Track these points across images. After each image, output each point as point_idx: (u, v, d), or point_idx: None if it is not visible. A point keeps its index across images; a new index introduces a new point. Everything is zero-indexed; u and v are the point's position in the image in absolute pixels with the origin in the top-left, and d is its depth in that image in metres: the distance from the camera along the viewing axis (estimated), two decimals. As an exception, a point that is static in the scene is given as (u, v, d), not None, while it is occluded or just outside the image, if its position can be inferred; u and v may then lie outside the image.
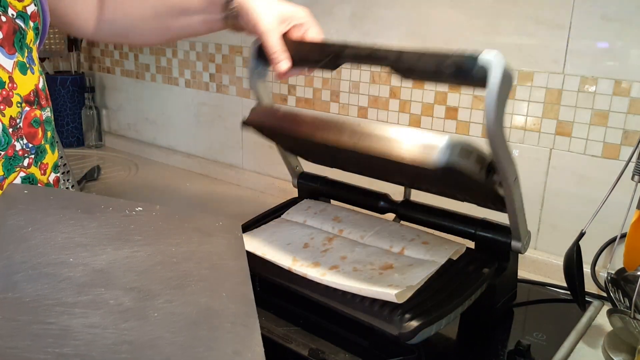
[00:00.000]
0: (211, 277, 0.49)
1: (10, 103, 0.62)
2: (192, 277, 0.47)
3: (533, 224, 1.02)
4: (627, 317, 0.72)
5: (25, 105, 0.64)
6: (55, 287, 0.42)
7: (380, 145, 0.66)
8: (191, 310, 0.43)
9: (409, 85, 1.12)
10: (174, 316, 0.41)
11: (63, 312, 0.39)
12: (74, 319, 0.39)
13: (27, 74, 0.64)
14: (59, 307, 0.40)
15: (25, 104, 0.64)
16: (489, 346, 0.79)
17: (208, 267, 0.50)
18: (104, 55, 1.77)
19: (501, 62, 0.60)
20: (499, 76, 0.59)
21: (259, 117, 0.84)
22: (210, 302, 0.44)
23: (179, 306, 0.43)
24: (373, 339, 0.77)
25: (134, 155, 1.70)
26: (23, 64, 0.64)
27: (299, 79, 1.29)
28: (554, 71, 0.95)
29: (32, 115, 0.65)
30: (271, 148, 1.39)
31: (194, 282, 0.47)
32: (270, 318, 0.82)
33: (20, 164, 0.64)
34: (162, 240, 0.53)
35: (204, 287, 0.46)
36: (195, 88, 1.53)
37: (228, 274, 0.50)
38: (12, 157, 0.62)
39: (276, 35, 0.76)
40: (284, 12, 0.78)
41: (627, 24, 0.87)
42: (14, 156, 0.63)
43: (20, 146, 0.64)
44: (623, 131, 0.91)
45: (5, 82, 0.61)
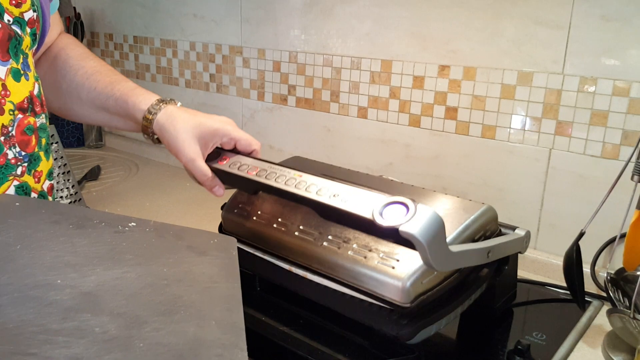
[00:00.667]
0: (201, 302, 0.47)
1: (2, 111, 0.61)
2: (181, 302, 0.46)
3: (533, 223, 1.02)
4: (627, 316, 0.72)
5: (18, 113, 0.63)
6: (41, 312, 0.41)
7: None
8: (178, 340, 0.41)
9: (409, 85, 1.12)
10: (160, 347, 0.40)
11: (46, 340, 0.38)
12: (56, 349, 0.38)
13: (21, 80, 0.64)
14: (42, 335, 0.38)
15: (19, 111, 0.63)
16: (488, 346, 0.79)
17: (199, 290, 0.49)
18: (104, 55, 1.77)
19: (423, 232, 0.58)
20: (424, 245, 0.59)
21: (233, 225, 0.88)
22: (199, 332, 0.43)
23: (165, 335, 0.41)
24: (373, 339, 0.77)
25: (134, 155, 1.70)
26: (17, 71, 0.63)
27: (298, 79, 1.29)
28: (553, 71, 0.96)
29: (26, 122, 0.64)
30: (271, 148, 1.39)
31: (184, 307, 0.45)
32: (270, 318, 0.82)
33: (14, 173, 0.63)
34: (153, 260, 0.51)
35: (193, 313, 0.45)
36: (195, 88, 1.53)
37: (219, 299, 0.49)
38: (4, 165, 0.61)
39: (201, 163, 0.76)
40: (207, 133, 0.77)
41: (627, 24, 0.87)
42: (5, 165, 0.62)
43: (12, 154, 0.63)
44: (622, 131, 0.91)
45: None
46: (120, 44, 1.71)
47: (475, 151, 1.06)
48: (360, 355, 0.75)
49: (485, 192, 1.06)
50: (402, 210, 0.60)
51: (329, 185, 0.68)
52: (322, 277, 0.76)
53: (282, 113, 1.35)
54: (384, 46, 1.14)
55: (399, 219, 0.59)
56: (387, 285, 0.69)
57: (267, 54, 1.34)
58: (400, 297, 0.68)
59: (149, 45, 1.62)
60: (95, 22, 1.76)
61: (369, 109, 1.19)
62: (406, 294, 0.67)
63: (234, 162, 0.79)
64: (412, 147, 1.14)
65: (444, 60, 1.07)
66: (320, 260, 0.75)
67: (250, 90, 1.40)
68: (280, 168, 0.75)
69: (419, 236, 0.58)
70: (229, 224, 0.88)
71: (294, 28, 1.27)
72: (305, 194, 0.69)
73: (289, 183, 0.71)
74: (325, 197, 0.67)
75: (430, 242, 0.59)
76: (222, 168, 0.79)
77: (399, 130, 1.15)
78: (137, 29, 1.64)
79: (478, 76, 1.03)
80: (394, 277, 0.68)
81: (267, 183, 0.73)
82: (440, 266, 0.63)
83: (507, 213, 1.04)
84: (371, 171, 1.21)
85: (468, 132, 1.07)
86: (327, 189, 0.68)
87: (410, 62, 1.11)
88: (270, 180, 0.73)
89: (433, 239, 0.59)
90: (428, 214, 0.59)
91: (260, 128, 1.40)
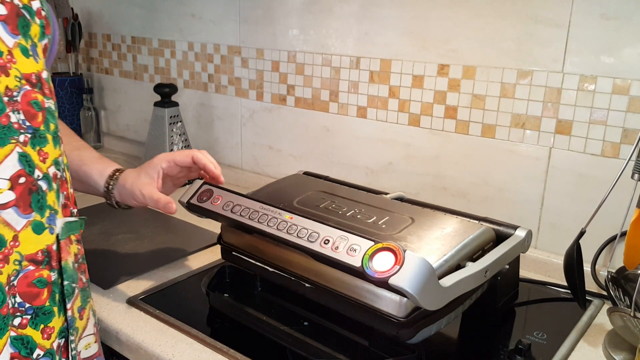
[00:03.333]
0: None
1: (7, 73, 0.60)
2: None
3: (533, 223, 1.02)
4: (628, 315, 0.72)
5: (25, 83, 0.62)
6: None
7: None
8: None
9: (408, 84, 1.12)
10: None
11: None
12: None
13: (29, 58, 0.63)
14: None
15: (26, 82, 0.62)
16: (489, 345, 0.79)
17: None
18: (102, 56, 1.77)
19: (412, 284, 0.60)
20: (415, 296, 0.61)
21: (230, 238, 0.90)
22: None
23: None
24: (373, 339, 0.77)
25: (132, 156, 1.70)
26: (25, 48, 0.63)
27: (297, 79, 1.29)
28: (553, 70, 0.96)
29: (33, 96, 0.63)
30: (270, 149, 1.39)
31: None
32: (271, 318, 0.82)
33: (16, 138, 0.60)
34: None
35: None
36: (193, 89, 1.53)
37: None
38: (6, 126, 0.59)
39: (149, 190, 0.87)
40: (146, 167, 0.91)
41: (627, 22, 0.87)
42: (8, 126, 0.60)
43: (16, 119, 0.61)
44: (622, 129, 0.91)
45: (3, 52, 0.59)
46: (118, 44, 1.70)
47: (475, 150, 1.06)
48: (361, 354, 0.75)
49: (485, 192, 1.06)
50: (390, 258, 0.62)
51: (320, 229, 0.70)
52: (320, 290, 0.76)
53: (281, 113, 1.35)
54: (383, 45, 1.14)
55: (388, 269, 0.61)
56: (384, 299, 0.69)
57: (265, 53, 1.34)
58: (397, 312, 0.68)
59: (147, 45, 1.61)
60: (93, 22, 1.75)
61: (369, 109, 1.19)
62: (403, 308, 0.68)
63: (227, 203, 0.82)
64: (412, 147, 1.14)
65: (444, 59, 1.07)
66: (318, 273, 0.75)
67: (249, 91, 1.40)
68: (271, 209, 0.77)
69: (409, 288, 0.60)
70: (227, 235, 0.88)
71: (293, 28, 1.27)
72: (297, 240, 0.71)
73: (280, 227, 0.74)
74: (316, 244, 0.69)
75: (420, 291, 0.61)
76: (215, 210, 0.82)
77: (399, 129, 1.15)
78: (135, 30, 1.63)
79: (478, 75, 1.03)
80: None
81: (259, 228, 0.76)
82: (435, 306, 0.65)
83: (507, 212, 1.04)
84: (371, 171, 1.21)
85: (468, 132, 1.06)
86: (317, 235, 0.70)
87: (410, 61, 1.11)
88: (262, 224, 0.76)
89: (423, 287, 0.61)
90: (416, 262, 0.61)
91: (259, 128, 1.40)
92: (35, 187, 0.63)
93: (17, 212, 0.61)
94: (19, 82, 0.61)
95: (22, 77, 0.62)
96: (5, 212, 0.60)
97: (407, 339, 0.70)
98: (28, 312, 0.64)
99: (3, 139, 0.59)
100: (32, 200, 0.62)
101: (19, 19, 0.62)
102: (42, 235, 0.64)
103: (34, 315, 0.64)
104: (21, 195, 0.61)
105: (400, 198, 0.93)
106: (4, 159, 0.59)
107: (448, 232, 0.76)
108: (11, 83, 0.60)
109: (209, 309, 0.87)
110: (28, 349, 0.64)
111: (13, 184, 0.60)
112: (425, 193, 1.14)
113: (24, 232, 0.62)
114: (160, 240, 1.09)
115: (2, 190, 0.59)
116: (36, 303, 0.64)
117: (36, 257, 0.64)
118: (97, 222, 1.15)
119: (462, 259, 0.72)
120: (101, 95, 1.82)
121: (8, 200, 0.60)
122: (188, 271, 0.97)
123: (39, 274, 0.64)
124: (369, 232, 0.74)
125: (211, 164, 0.88)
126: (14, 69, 0.61)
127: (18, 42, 0.62)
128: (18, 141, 0.61)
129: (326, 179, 0.99)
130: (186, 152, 0.89)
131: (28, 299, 0.63)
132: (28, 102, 0.62)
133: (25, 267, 0.63)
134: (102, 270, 0.94)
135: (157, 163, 0.89)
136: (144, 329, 0.80)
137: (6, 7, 0.60)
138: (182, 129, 1.45)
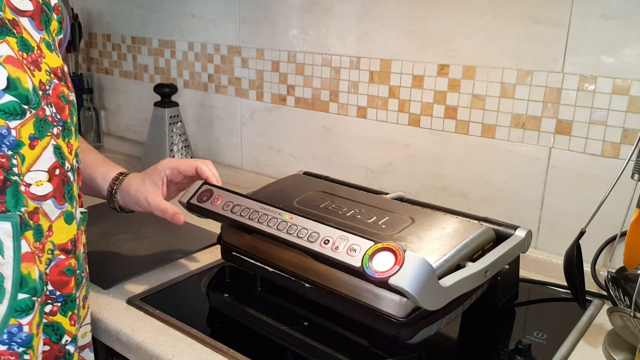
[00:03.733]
0: None
1: (40, 68, 0.61)
2: None
3: (533, 223, 1.02)
4: (628, 315, 0.72)
5: (54, 78, 0.64)
6: None
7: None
8: None
9: (408, 84, 1.12)
10: None
11: None
12: None
13: (53, 53, 0.65)
14: None
15: (54, 76, 0.64)
16: (489, 345, 0.79)
17: None
18: (102, 56, 1.77)
19: (412, 284, 0.60)
20: (415, 296, 0.61)
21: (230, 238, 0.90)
22: None
23: None
24: (373, 339, 0.77)
25: (132, 156, 1.70)
26: (49, 43, 0.64)
27: (297, 79, 1.29)
28: (553, 70, 0.95)
29: (60, 89, 0.65)
30: (270, 149, 1.39)
31: None
32: (271, 318, 0.82)
33: (51, 131, 0.62)
34: None
35: None
36: (194, 89, 1.53)
37: None
38: (43, 120, 0.61)
39: (154, 198, 0.87)
40: (150, 174, 0.90)
41: (627, 22, 0.87)
42: (44, 120, 0.61)
43: (49, 112, 0.62)
44: (622, 130, 0.91)
45: (34, 47, 0.61)
46: (118, 44, 1.70)
47: (475, 150, 1.06)
48: (361, 354, 0.75)
49: (485, 192, 1.06)
50: (390, 258, 0.62)
51: (320, 229, 0.70)
52: (320, 290, 0.76)
53: (281, 113, 1.35)
54: (383, 45, 1.14)
55: (387, 269, 0.61)
56: (384, 299, 0.69)
57: (265, 54, 1.34)
58: (397, 312, 0.68)
59: (147, 45, 1.61)
60: (93, 22, 1.75)
61: (369, 109, 1.19)
62: (403, 308, 0.68)
63: (227, 203, 0.81)
64: (412, 147, 1.14)
65: (444, 59, 1.07)
66: (318, 274, 0.75)
67: (249, 91, 1.40)
68: (271, 209, 0.77)
69: (409, 288, 0.60)
70: (227, 235, 0.88)
71: (293, 28, 1.27)
72: (297, 240, 0.71)
73: (280, 227, 0.74)
74: (316, 244, 0.69)
75: (421, 291, 0.60)
76: (215, 210, 0.82)
77: (399, 129, 1.15)
78: (135, 30, 1.63)
79: (477, 75, 1.03)
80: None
81: (260, 228, 0.75)
82: (435, 306, 0.65)
83: (507, 212, 1.04)
84: (371, 171, 1.21)
85: (468, 132, 1.06)
86: (317, 235, 0.70)
87: (410, 61, 1.11)
88: (262, 224, 0.75)
89: (423, 287, 0.61)
90: (416, 262, 0.61)
91: (259, 128, 1.40)
92: (67, 178, 0.66)
93: (54, 203, 0.64)
94: (49, 76, 0.63)
95: (51, 72, 0.64)
96: (45, 203, 0.62)
97: (407, 339, 0.70)
98: (59, 300, 0.66)
99: (42, 132, 0.61)
100: (64, 191, 0.65)
101: (42, 15, 0.64)
102: (71, 226, 0.67)
103: (64, 303, 0.67)
104: (57, 187, 0.64)
105: (400, 198, 0.93)
106: (42, 151, 0.62)
107: (448, 232, 0.76)
108: (44, 77, 0.62)
109: (209, 309, 0.87)
110: (58, 335, 0.67)
111: (50, 176, 0.63)
112: (425, 193, 1.14)
113: (57, 222, 0.64)
114: (160, 240, 1.09)
115: (42, 182, 0.62)
116: (65, 291, 0.67)
117: (67, 246, 0.66)
118: (97, 222, 1.15)
119: (462, 259, 0.72)
120: (101, 95, 1.82)
121: (47, 192, 0.63)
122: (188, 271, 0.97)
123: (68, 263, 0.67)
124: (369, 232, 0.74)
125: (213, 177, 0.88)
126: (44, 63, 0.63)
127: (43, 37, 0.64)
128: (52, 134, 0.63)
129: (326, 179, 0.99)
130: (191, 162, 0.89)
131: (58, 287, 0.66)
132: (57, 96, 0.64)
133: (57, 256, 0.65)
134: (102, 270, 0.94)
135: (161, 170, 0.89)
136: (144, 329, 0.80)
137: (32, 3, 0.63)
138: (182, 129, 1.45)
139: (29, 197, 0.61)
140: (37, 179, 0.61)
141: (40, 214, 0.62)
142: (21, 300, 0.60)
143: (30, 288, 0.61)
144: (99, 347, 0.86)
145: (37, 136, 0.61)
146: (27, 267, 0.60)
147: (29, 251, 0.61)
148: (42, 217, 0.62)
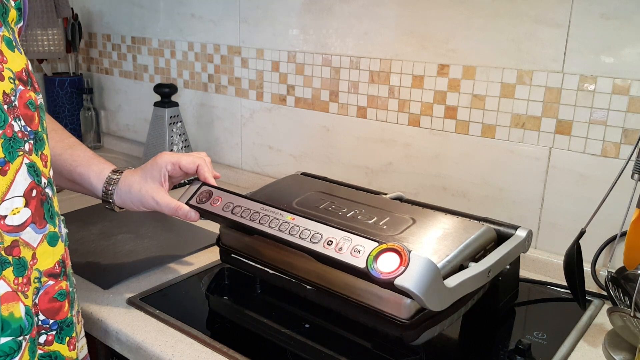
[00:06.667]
0: None
1: (2, 77, 0.54)
2: None
3: (533, 223, 1.02)
4: (628, 315, 0.72)
5: (19, 84, 0.57)
6: None
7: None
8: None
9: (408, 84, 1.12)
10: None
11: None
12: None
13: (15, 52, 0.57)
14: None
15: (19, 81, 0.57)
16: (490, 345, 0.79)
17: None
18: (102, 56, 1.77)
19: (418, 284, 0.60)
20: (421, 297, 0.60)
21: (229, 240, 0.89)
22: None
23: None
24: (376, 341, 0.76)
25: (132, 156, 1.70)
26: (9, 40, 0.57)
27: (297, 79, 1.29)
28: (553, 70, 0.95)
29: (27, 96, 0.58)
30: (270, 149, 1.38)
31: None
32: (272, 320, 0.81)
33: (22, 148, 0.56)
34: None
35: None
36: (194, 89, 1.53)
37: None
38: (12, 138, 0.55)
39: (163, 198, 0.83)
40: (150, 169, 0.85)
41: (627, 22, 0.87)
42: (13, 137, 0.55)
43: (18, 127, 0.56)
44: (622, 129, 0.91)
45: None
46: (118, 44, 1.70)
47: (475, 150, 1.06)
48: (364, 357, 0.75)
49: (485, 192, 1.06)
50: (395, 259, 0.61)
51: (323, 230, 0.69)
52: (322, 292, 0.76)
53: (281, 113, 1.35)
54: (383, 45, 1.14)
55: (393, 270, 0.61)
56: (387, 301, 0.69)
57: (265, 53, 1.34)
58: (401, 313, 0.68)
59: (147, 45, 1.61)
60: (93, 23, 1.75)
61: (368, 109, 1.19)
62: (407, 310, 0.68)
63: (227, 204, 0.80)
64: (412, 147, 1.14)
65: (444, 59, 1.07)
66: (320, 275, 0.75)
67: (249, 91, 1.40)
68: (272, 210, 0.75)
69: (415, 289, 0.60)
70: (226, 237, 0.88)
71: (293, 28, 1.27)
72: (299, 241, 0.70)
73: (282, 228, 0.72)
74: (319, 245, 0.68)
75: (426, 292, 0.60)
76: (215, 211, 0.80)
77: (399, 129, 1.15)
78: (135, 30, 1.63)
79: (477, 75, 1.03)
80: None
81: (261, 229, 0.74)
82: (440, 307, 0.64)
83: (507, 212, 1.04)
84: (371, 171, 1.21)
85: (468, 132, 1.06)
86: (320, 235, 0.69)
87: (410, 61, 1.11)
88: (264, 225, 0.74)
89: (429, 288, 0.60)
90: (421, 263, 0.60)
91: (259, 128, 1.40)
92: (44, 196, 0.60)
93: (34, 230, 0.58)
94: (13, 84, 0.56)
95: (15, 78, 0.57)
96: (24, 232, 0.57)
97: (411, 341, 0.70)
98: (53, 328, 0.61)
99: (12, 153, 0.55)
100: (44, 212, 0.59)
101: None
102: (57, 247, 0.61)
103: (59, 330, 0.62)
104: (36, 210, 0.58)
105: (399, 198, 0.93)
106: (15, 175, 0.56)
107: (450, 232, 0.76)
108: (7, 87, 0.55)
109: (209, 312, 0.87)
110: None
111: (27, 200, 0.57)
112: (425, 193, 1.14)
113: (40, 247, 0.59)
114: (160, 240, 1.09)
115: (19, 209, 0.56)
116: (59, 317, 0.62)
117: (54, 270, 0.61)
118: (97, 222, 1.15)
119: (464, 259, 0.72)
120: (101, 95, 1.82)
121: (25, 219, 0.57)
122: (188, 271, 0.97)
123: (59, 287, 0.62)
124: (371, 233, 0.74)
125: (212, 179, 0.85)
126: (7, 69, 0.55)
127: (2, 35, 0.56)
128: (24, 151, 0.57)
129: (324, 180, 0.99)
130: (192, 159, 0.85)
131: (51, 315, 0.61)
132: (25, 105, 0.58)
133: (45, 283, 0.60)
134: (102, 270, 0.94)
135: (162, 165, 0.84)
136: (144, 329, 0.80)
137: None
138: (182, 129, 1.45)
139: (5, 230, 0.54)
140: (13, 207, 0.55)
141: (20, 246, 0.56)
142: (4, 344, 0.55)
143: (14, 329, 0.55)
144: (99, 347, 0.86)
145: (7, 159, 0.54)
146: (7, 308, 0.55)
147: (9, 290, 0.55)
148: (24, 247, 0.57)
